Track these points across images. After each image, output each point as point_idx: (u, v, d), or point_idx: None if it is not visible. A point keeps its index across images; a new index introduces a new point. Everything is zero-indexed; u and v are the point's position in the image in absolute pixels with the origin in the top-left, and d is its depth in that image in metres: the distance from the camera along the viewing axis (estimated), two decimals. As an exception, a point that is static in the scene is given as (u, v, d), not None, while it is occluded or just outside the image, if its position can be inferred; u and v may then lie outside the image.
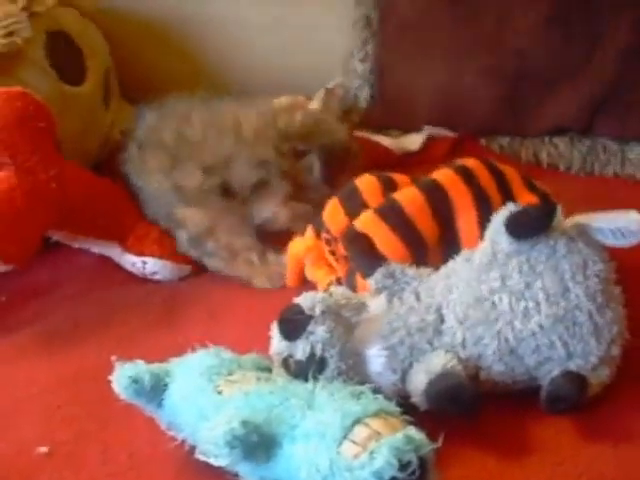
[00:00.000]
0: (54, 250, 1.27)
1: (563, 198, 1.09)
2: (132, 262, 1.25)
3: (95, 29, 1.53)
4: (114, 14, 1.61)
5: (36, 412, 0.97)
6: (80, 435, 0.92)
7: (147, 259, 1.24)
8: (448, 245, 0.93)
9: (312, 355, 0.81)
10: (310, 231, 1.05)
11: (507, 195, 0.99)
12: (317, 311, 0.81)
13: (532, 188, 1.02)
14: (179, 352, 1.03)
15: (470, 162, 1.00)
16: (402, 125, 1.57)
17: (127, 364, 0.84)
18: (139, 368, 0.82)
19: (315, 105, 1.43)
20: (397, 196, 0.96)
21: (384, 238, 0.91)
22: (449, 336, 0.82)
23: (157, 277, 1.25)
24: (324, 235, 1.01)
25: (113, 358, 0.85)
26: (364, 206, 0.98)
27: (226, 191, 1.21)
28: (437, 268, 0.89)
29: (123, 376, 0.82)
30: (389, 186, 1.01)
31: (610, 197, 1.35)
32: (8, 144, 1.19)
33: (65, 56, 1.42)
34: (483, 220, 0.91)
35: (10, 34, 1.34)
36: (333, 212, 1.00)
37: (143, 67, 1.65)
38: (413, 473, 0.62)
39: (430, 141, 1.52)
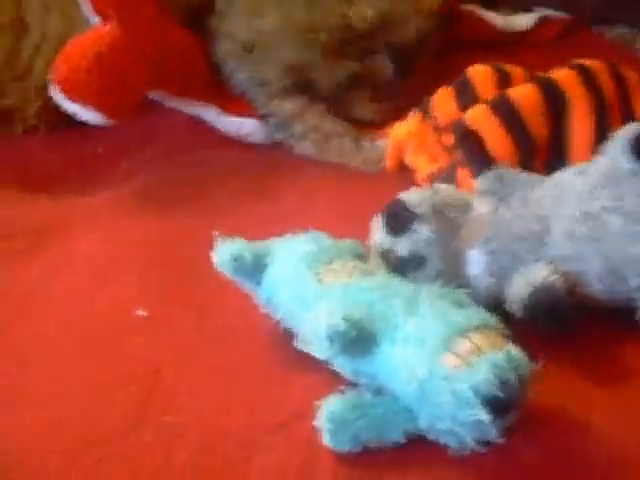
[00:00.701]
0: (149, 108, 1.26)
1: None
2: (229, 123, 1.24)
3: None
4: None
5: (131, 272, 1.00)
6: (173, 300, 0.95)
7: (244, 120, 1.23)
8: (556, 148, 0.91)
9: (414, 253, 0.81)
10: (414, 115, 1.03)
11: (625, 100, 0.95)
12: (423, 209, 0.80)
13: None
14: (273, 224, 1.06)
15: (594, 64, 0.96)
16: (512, 1, 1.50)
17: (228, 241, 0.85)
18: (240, 246, 0.83)
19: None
20: (511, 91, 0.93)
21: (494, 134, 0.89)
22: (553, 248, 0.81)
23: (253, 139, 1.24)
24: (432, 122, 0.99)
25: (215, 233, 0.86)
26: (476, 100, 0.95)
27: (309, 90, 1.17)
28: (544, 172, 0.87)
29: (224, 253, 0.83)
30: (504, 80, 0.98)
31: None
32: None
33: None
34: (598, 128, 0.87)
35: None
36: (444, 101, 0.97)
37: None
38: (511, 392, 0.63)
39: (541, 22, 1.46)
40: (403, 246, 0.81)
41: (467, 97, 0.96)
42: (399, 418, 0.69)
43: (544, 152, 0.91)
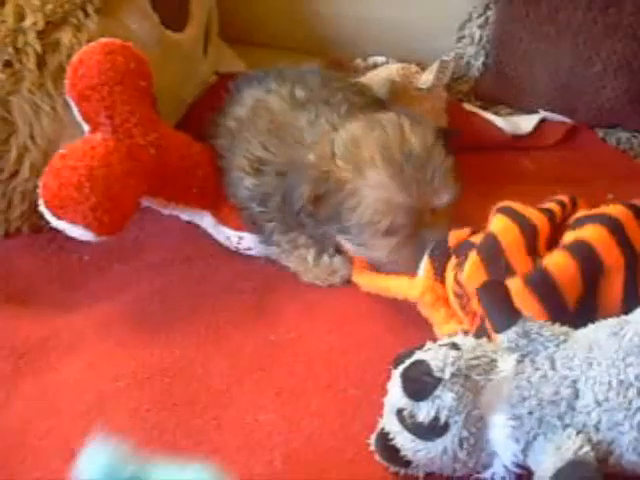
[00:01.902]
0: (140, 212, 1.20)
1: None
2: (227, 235, 1.20)
3: (200, -32, 1.43)
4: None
5: (122, 416, 0.93)
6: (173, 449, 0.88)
7: (244, 234, 1.18)
8: (586, 302, 0.87)
9: (435, 419, 0.75)
10: (428, 271, 0.98)
11: None
12: (447, 374, 0.75)
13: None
14: (272, 348, 1.01)
15: (620, 213, 0.92)
16: (513, 102, 1.51)
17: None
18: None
19: (427, 78, 1.33)
20: (549, 265, 0.88)
21: (529, 308, 0.84)
22: (583, 415, 0.76)
23: (251, 252, 1.19)
24: (455, 288, 0.94)
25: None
26: (509, 269, 0.90)
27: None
28: (572, 326, 0.82)
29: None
30: (532, 239, 0.93)
31: None
32: (107, 103, 1.12)
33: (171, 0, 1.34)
34: (628, 281, 0.84)
35: (113, -29, 1.25)
36: (473, 273, 0.92)
37: (245, 7, 1.56)
38: None
39: (543, 125, 1.45)
40: (425, 412, 0.75)
41: (498, 267, 0.92)
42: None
43: (576, 305, 0.86)
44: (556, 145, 1.43)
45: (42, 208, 1.08)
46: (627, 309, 0.84)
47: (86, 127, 1.14)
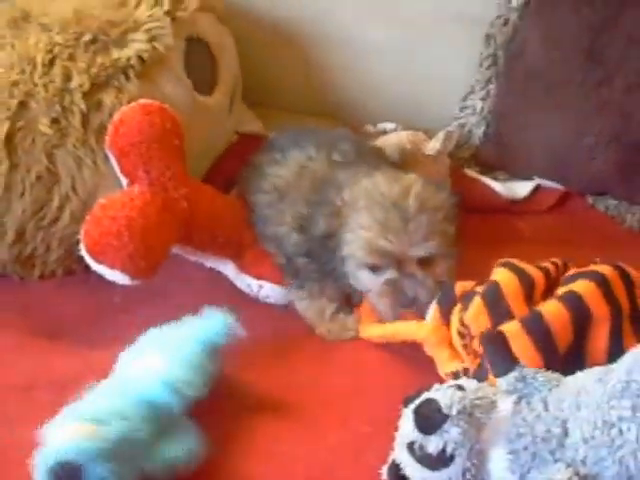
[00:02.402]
0: (169, 259, 1.29)
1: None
2: (247, 283, 1.29)
3: (229, 36, 1.55)
4: (245, 19, 1.64)
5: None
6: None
7: (264, 283, 1.27)
8: (575, 349, 0.98)
9: (443, 451, 0.86)
10: (435, 315, 1.10)
11: (632, 300, 1.04)
12: (454, 411, 0.86)
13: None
14: (289, 393, 1.10)
15: (607, 271, 1.04)
16: (511, 169, 1.60)
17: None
18: None
19: (435, 145, 1.45)
20: (544, 311, 1.00)
21: (524, 349, 0.96)
22: (572, 451, 0.86)
23: (269, 301, 1.29)
24: (460, 328, 1.05)
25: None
26: (509, 313, 1.02)
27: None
28: (562, 370, 0.93)
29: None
30: (530, 290, 1.06)
31: None
32: (145, 159, 1.22)
33: (201, 65, 1.45)
34: (613, 331, 0.95)
35: (152, 39, 1.36)
36: (477, 314, 1.04)
37: (264, 73, 1.68)
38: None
39: (537, 191, 1.55)
40: (433, 445, 0.86)
41: (500, 310, 1.04)
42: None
43: (567, 352, 0.98)
44: (549, 210, 1.53)
45: (83, 253, 1.18)
46: (612, 357, 0.95)
47: (124, 180, 1.25)
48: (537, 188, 1.55)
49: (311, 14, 1.65)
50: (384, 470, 0.94)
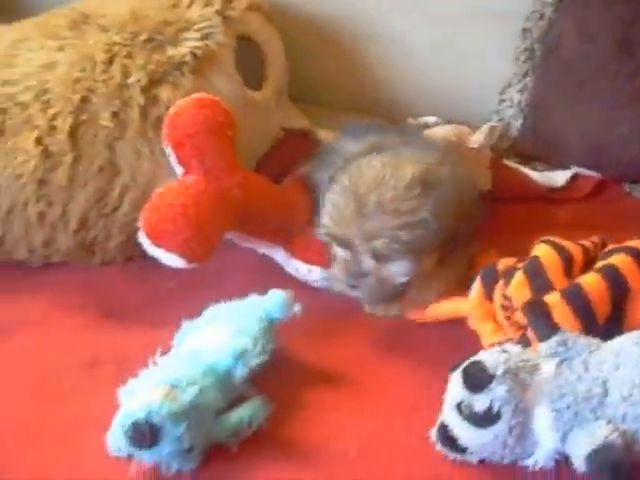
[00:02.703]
0: (223, 245, 1.34)
1: None
2: (296, 267, 1.34)
3: (277, 36, 1.62)
4: (291, 19, 1.71)
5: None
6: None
7: (313, 267, 1.33)
8: (614, 320, 1.03)
9: (489, 409, 0.91)
10: (479, 290, 1.16)
11: None
12: (500, 371, 0.91)
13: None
14: (338, 367, 1.17)
15: None
16: (548, 159, 1.64)
17: None
18: None
19: (479, 139, 1.51)
20: (583, 283, 1.06)
21: (565, 318, 1.02)
22: (612, 409, 0.92)
23: (318, 284, 1.33)
24: (502, 300, 1.11)
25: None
26: (549, 286, 1.08)
27: None
28: (602, 339, 0.98)
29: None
30: (568, 263, 1.12)
31: None
32: (199, 150, 1.29)
33: (250, 62, 1.53)
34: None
35: (205, 37, 1.44)
36: (519, 287, 1.10)
37: (309, 71, 1.75)
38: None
39: (575, 179, 1.59)
40: (481, 402, 0.92)
41: (541, 283, 1.09)
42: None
43: (606, 322, 1.03)
44: (587, 197, 1.57)
45: (142, 238, 1.25)
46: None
47: (180, 170, 1.31)
48: (574, 177, 1.59)
49: (354, 13, 1.71)
50: (433, 432, 1.00)
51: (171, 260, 1.25)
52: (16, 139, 1.36)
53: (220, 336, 1.09)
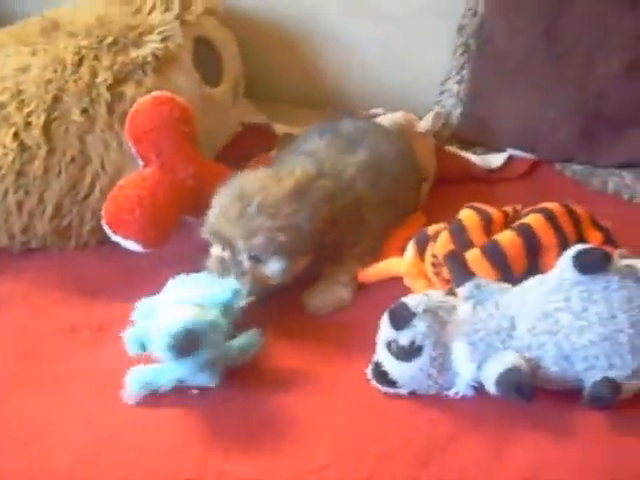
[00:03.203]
0: (186, 229, 1.46)
1: (623, 224, 1.33)
2: None
3: (231, 36, 1.76)
4: (244, 21, 1.85)
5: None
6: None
7: None
8: (530, 273, 1.17)
9: (412, 343, 1.06)
10: (412, 249, 1.30)
11: (579, 233, 1.23)
12: (420, 310, 1.06)
13: (597, 226, 1.25)
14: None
15: (555, 207, 1.25)
16: (486, 143, 1.77)
17: None
18: None
19: (425, 124, 1.65)
20: (500, 239, 1.21)
21: (483, 270, 1.17)
22: (518, 340, 1.06)
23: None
24: (432, 259, 1.25)
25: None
26: (470, 243, 1.23)
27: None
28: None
29: None
30: (488, 223, 1.26)
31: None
32: (156, 144, 1.42)
33: (207, 61, 1.66)
34: (560, 255, 1.13)
35: (165, 39, 1.58)
36: (444, 244, 1.24)
37: (264, 69, 1.89)
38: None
39: (510, 161, 1.73)
40: (404, 337, 1.06)
41: (462, 240, 1.24)
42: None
43: (523, 275, 1.17)
44: (521, 177, 1.70)
45: (104, 226, 1.41)
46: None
47: (140, 162, 1.46)
48: (510, 159, 1.72)
49: (303, 14, 1.85)
50: (368, 370, 1.13)
51: (129, 245, 1.40)
52: (-6, 135, 1.49)
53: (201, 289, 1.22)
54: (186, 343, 1.08)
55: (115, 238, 1.41)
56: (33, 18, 1.67)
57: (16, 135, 1.48)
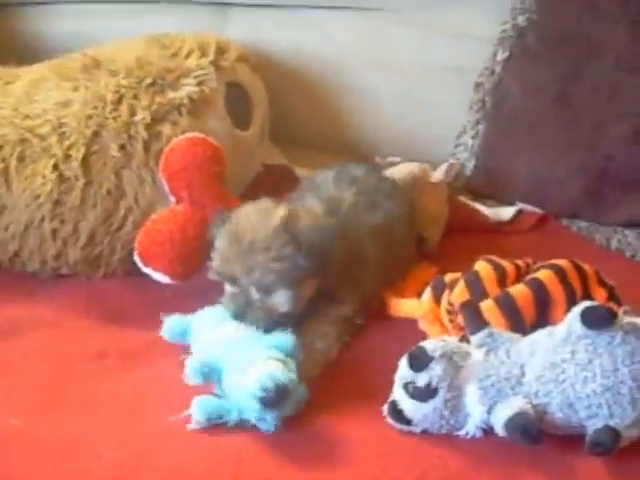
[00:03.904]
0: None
1: (625, 281, 1.40)
2: None
3: (261, 83, 1.85)
4: (274, 69, 1.95)
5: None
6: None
7: None
8: (540, 325, 1.24)
9: (429, 385, 1.14)
10: (429, 295, 1.38)
11: (586, 289, 1.31)
12: (437, 354, 1.14)
13: (603, 283, 1.33)
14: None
15: (564, 263, 1.32)
16: (498, 196, 1.86)
17: None
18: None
19: (439, 175, 1.73)
20: (512, 291, 1.28)
21: (496, 319, 1.24)
22: (527, 387, 1.14)
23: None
24: (447, 307, 1.34)
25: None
26: (485, 293, 1.31)
27: None
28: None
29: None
30: (502, 276, 1.34)
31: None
32: (188, 182, 1.51)
33: (238, 105, 1.75)
34: (569, 310, 1.20)
35: (200, 83, 1.68)
36: (460, 293, 1.32)
37: (289, 115, 1.98)
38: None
39: (520, 214, 1.81)
40: (422, 379, 1.14)
41: (478, 291, 1.32)
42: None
43: (533, 328, 1.24)
44: (530, 230, 1.78)
45: (135, 258, 1.49)
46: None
47: (172, 199, 1.54)
48: (519, 212, 1.81)
49: (328, 65, 1.95)
50: (385, 407, 1.21)
51: (159, 277, 1.49)
52: (34, 165, 1.57)
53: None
54: (277, 397, 1.15)
55: (145, 269, 1.49)
56: (75, 54, 1.76)
57: (55, 166, 1.57)
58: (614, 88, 1.73)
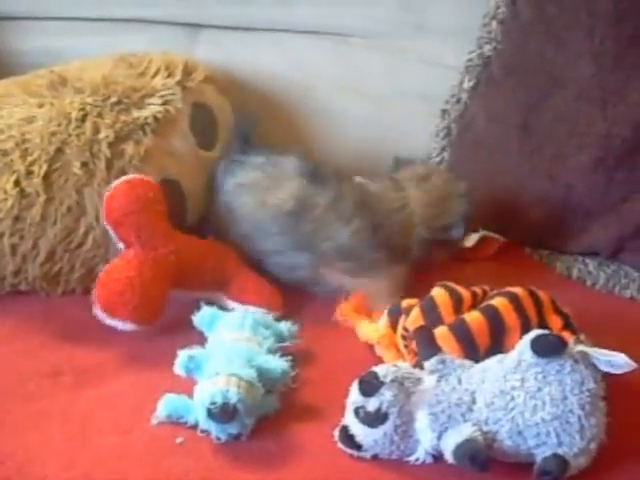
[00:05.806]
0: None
1: (584, 310, 1.41)
2: (233, 309, 1.53)
3: (228, 104, 1.85)
4: (241, 91, 1.95)
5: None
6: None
7: (249, 308, 1.52)
8: (495, 352, 1.25)
9: (378, 410, 1.13)
10: (385, 320, 1.39)
11: (541, 317, 1.32)
12: (388, 379, 1.14)
13: (558, 312, 1.34)
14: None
15: (519, 291, 1.34)
16: (462, 223, 1.88)
17: None
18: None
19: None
20: (467, 318, 1.29)
21: (450, 346, 1.25)
22: (477, 414, 1.14)
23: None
24: (402, 332, 1.34)
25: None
26: (439, 320, 1.32)
27: None
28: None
29: None
30: (458, 303, 1.35)
31: (623, 315, 1.63)
32: (136, 227, 1.49)
33: (203, 125, 1.76)
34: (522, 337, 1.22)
35: (165, 103, 1.68)
36: (415, 319, 1.33)
37: (257, 136, 1.98)
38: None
39: (482, 241, 1.80)
40: (372, 404, 1.14)
41: (433, 317, 1.33)
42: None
43: (487, 355, 1.25)
44: (492, 257, 1.79)
45: (96, 312, 1.46)
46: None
47: (121, 245, 1.52)
48: (482, 239, 1.80)
49: (295, 88, 1.96)
50: (336, 432, 1.21)
51: (125, 327, 1.46)
52: (-4, 181, 1.57)
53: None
54: (222, 414, 1.17)
55: (111, 322, 1.46)
56: (42, 71, 1.76)
57: (17, 182, 1.56)
58: (575, 119, 1.75)
